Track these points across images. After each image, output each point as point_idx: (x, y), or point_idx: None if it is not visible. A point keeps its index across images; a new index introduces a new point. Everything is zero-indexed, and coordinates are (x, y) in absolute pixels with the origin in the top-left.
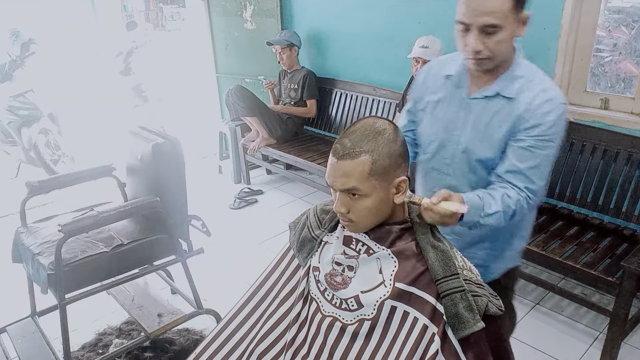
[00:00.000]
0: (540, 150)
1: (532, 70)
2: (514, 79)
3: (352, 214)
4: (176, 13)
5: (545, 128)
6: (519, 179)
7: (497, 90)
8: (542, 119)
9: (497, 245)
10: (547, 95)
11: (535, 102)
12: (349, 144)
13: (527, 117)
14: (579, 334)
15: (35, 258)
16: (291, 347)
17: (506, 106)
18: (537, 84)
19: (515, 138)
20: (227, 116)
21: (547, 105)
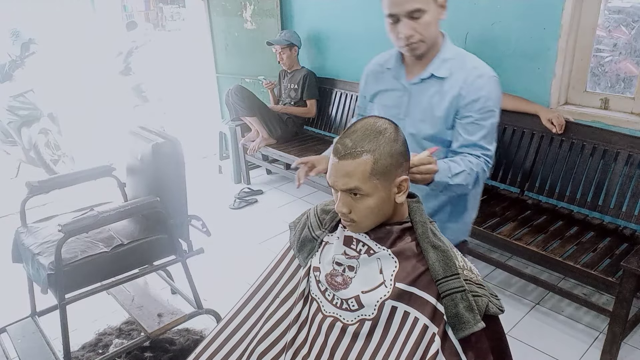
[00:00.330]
0: (484, 121)
1: (461, 53)
2: (444, 61)
3: (354, 214)
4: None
5: (484, 101)
6: (473, 149)
7: (431, 72)
8: (478, 94)
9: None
10: (478, 72)
11: (469, 80)
12: (350, 143)
13: (465, 94)
14: (579, 334)
15: (35, 258)
16: (292, 347)
17: (441, 86)
18: (467, 63)
19: (460, 116)
20: (227, 116)
21: (479, 80)
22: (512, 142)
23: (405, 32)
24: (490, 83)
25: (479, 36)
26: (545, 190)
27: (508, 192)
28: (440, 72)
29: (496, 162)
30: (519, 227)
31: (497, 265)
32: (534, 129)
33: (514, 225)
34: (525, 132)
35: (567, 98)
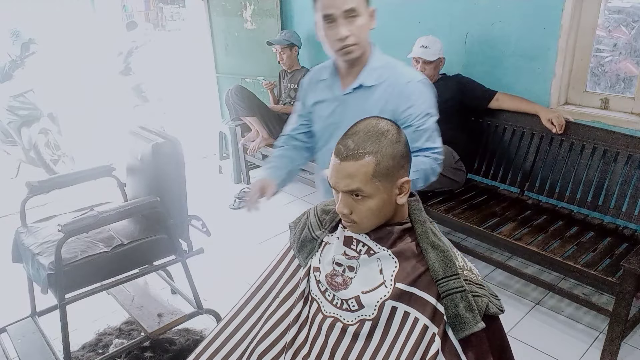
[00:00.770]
0: (425, 124)
1: (390, 61)
2: (373, 70)
3: (355, 215)
4: (176, 13)
5: (418, 105)
6: (420, 152)
7: (361, 82)
8: (410, 100)
9: None
10: (406, 79)
11: (398, 88)
12: (352, 145)
13: (402, 101)
14: (579, 334)
15: (35, 258)
16: (292, 347)
17: (372, 94)
18: (396, 71)
19: (403, 121)
20: (227, 116)
21: (409, 87)
22: (512, 142)
23: (342, 33)
24: (419, 87)
25: (479, 36)
26: (545, 190)
27: (508, 192)
28: (368, 81)
29: (496, 162)
30: (519, 227)
31: (497, 265)
32: (534, 129)
33: (514, 225)
34: (525, 132)
35: (567, 98)
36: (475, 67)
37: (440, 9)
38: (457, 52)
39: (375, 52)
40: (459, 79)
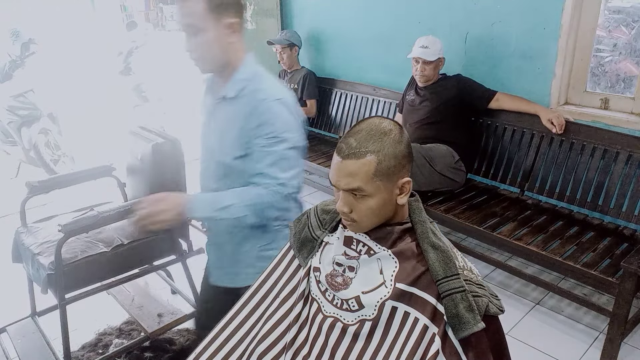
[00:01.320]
0: (271, 147)
1: (258, 74)
2: (237, 82)
3: (355, 213)
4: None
5: (268, 126)
6: (262, 178)
7: (223, 94)
8: (261, 118)
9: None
10: (262, 95)
11: (254, 103)
12: (354, 143)
13: (252, 119)
14: (579, 334)
15: (35, 258)
16: (292, 347)
17: (232, 107)
18: (255, 85)
19: (252, 141)
20: None
21: (263, 104)
22: (512, 142)
23: (184, 47)
24: (275, 106)
25: (479, 36)
26: (545, 190)
27: (508, 192)
28: (229, 93)
29: (496, 162)
30: (519, 227)
31: (497, 265)
32: (534, 129)
33: (514, 225)
34: (525, 132)
35: (567, 98)
36: (475, 67)
37: (440, 9)
38: (457, 52)
39: (247, 62)
40: (459, 79)
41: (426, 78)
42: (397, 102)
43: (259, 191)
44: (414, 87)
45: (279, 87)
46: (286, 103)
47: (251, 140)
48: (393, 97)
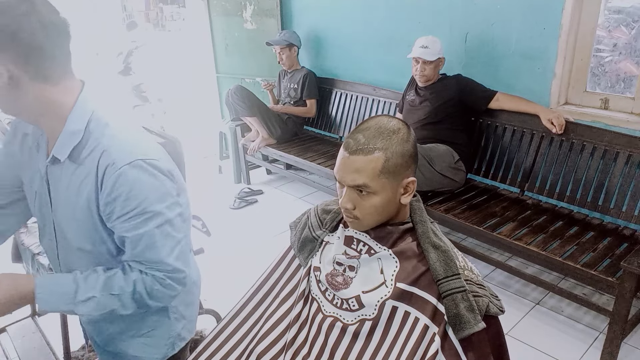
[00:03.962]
0: (140, 229)
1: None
2: (70, 135)
3: (358, 211)
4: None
5: (126, 202)
6: (137, 264)
7: (54, 153)
8: (114, 194)
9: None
10: (105, 160)
11: (99, 173)
12: (362, 139)
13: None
14: (579, 334)
15: (35, 258)
16: (292, 347)
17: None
18: (96, 140)
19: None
20: (227, 116)
21: (111, 174)
22: (512, 142)
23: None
24: (126, 176)
25: (479, 36)
26: (545, 190)
27: (508, 192)
28: (60, 153)
29: (496, 162)
30: (519, 227)
31: (497, 265)
32: (534, 129)
33: (514, 225)
34: (525, 132)
35: (567, 98)
36: (475, 67)
37: (440, 9)
38: (457, 52)
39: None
40: (459, 79)
41: (426, 78)
42: (397, 102)
43: (135, 277)
44: (414, 87)
45: (130, 140)
46: (145, 164)
47: (110, 222)
48: (393, 97)
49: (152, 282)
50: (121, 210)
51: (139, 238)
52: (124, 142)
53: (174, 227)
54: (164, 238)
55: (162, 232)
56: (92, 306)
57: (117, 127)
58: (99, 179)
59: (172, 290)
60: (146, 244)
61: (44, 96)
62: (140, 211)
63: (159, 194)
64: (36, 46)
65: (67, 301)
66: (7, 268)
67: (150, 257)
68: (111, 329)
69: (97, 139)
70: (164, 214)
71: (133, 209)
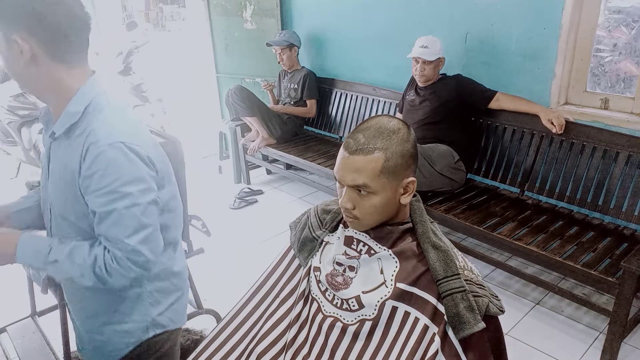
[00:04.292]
0: (110, 205)
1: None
2: (70, 115)
3: (358, 210)
4: (176, 13)
5: (101, 179)
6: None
7: (54, 129)
8: (92, 169)
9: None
10: (92, 137)
11: (84, 148)
12: (362, 139)
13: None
14: (579, 334)
15: None
16: (292, 347)
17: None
18: (88, 122)
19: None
20: (227, 116)
21: (93, 150)
22: (512, 142)
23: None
24: (106, 154)
25: (479, 36)
26: (545, 190)
27: (508, 192)
28: (58, 129)
29: (496, 162)
30: (519, 227)
31: (497, 265)
32: (534, 129)
33: (514, 225)
34: (525, 132)
35: (567, 98)
36: (475, 67)
37: (440, 9)
38: (457, 52)
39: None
40: (459, 79)
41: (426, 78)
42: (397, 102)
43: (98, 252)
44: (414, 87)
45: (118, 125)
46: (125, 147)
47: (86, 196)
48: (393, 97)
49: (111, 259)
50: (96, 185)
51: (107, 215)
52: (111, 125)
53: (144, 213)
54: (130, 219)
55: (129, 213)
56: (55, 269)
57: (111, 114)
58: (82, 154)
59: (128, 271)
60: (112, 222)
61: (57, 76)
62: (112, 189)
63: (132, 177)
64: (60, 32)
65: (39, 259)
66: (7, 268)
67: (113, 235)
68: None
69: (90, 121)
70: (134, 196)
71: (106, 186)
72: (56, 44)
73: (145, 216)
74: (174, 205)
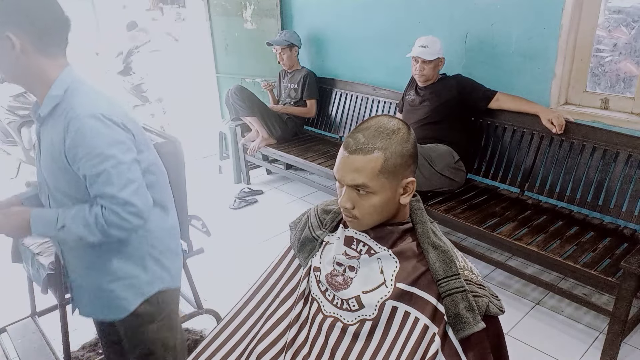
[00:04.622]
0: (98, 167)
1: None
2: (50, 98)
3: (357, 210)
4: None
5: (86, 147)
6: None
7: (39, 112)
8: (76, 140)
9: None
10: (71, 113)
11: (65, 123)
12: (362, 139)
13: (67, 141)
14: (579, 334)
15: (35, 258)
16: (292, 347)
17: (50, 130)
18: (67, 102)
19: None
20: (227, 116)
21: (74, 123)
22: (512, 142)
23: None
24: (86, 124)
25: (479, 36)
26: (545, 190)
27: (508, 192)
28: (43, 110)
29: (496, 162)
30: (519, 227)
31: (497, 265)
32: (534, 129)
33: (514, 225)
34: (525, 132)
35: (567, 98)
36: (475, 67)
37: (440, 9)
38: (457, 52)
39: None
40: (459, 79)
41: (425, 77)
42: (397, 102)
43: (96, 211)
44: (414, 87)
45: (94, 100)
46: (102, 118)
47: (74, 164)
48: (393, 97)
49: (109, 213)
50: (83, 152)
51: (98, 176)
52: (87, 102)
53: (129, 169)
54: (118, 176)
55: (116, 171)
56: (65, 233)
57: (86, 93)
58: (65, 128)
59: (125, 221)
60: (103, 181)
61: (42, 67)
62: (98, 153)
63: (113, 140)
64: (45, 29)
65: (50, 228)
66: (7, 268)
67: (107, 192)
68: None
69: (69, 101)
70: (117, 156)
71: (91, 151)
72: (42, 39)
73: (131, 172)
74: (154, 169)
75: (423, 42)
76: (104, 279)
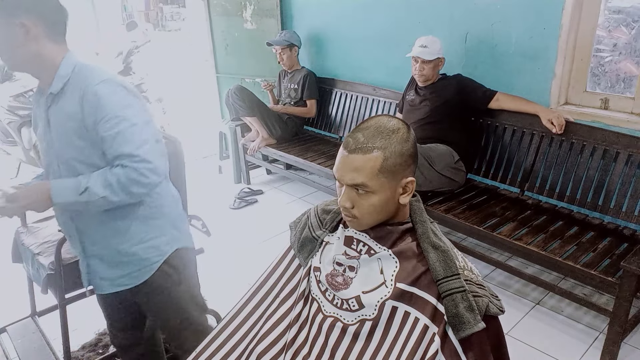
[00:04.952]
0: (115, 128)
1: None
2: (59, 77)
3: (357, 209)
4: (176, 13)
5: (102, 109)
6: (120, 160)
7: (50, 90)
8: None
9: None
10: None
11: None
12: (362, 138)
13: (84, 108)
14: (579, 334)
15: (35, 258)
16: (292, 347)
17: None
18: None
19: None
20: (227, 116)
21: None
22: (512, 142)
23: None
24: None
25: (479, 36)
26: (545, 190)
27: (508, 192)
28: (54, 88)
29: (496, 162)
30: (519, 227)
31: (497, 265)
32: (534, 129)
33: (514, 225)
34: (525, 132)
35: (567, 98)
36: (475, 67)
37: (440, 9)
38: (457, 52)
39: (67, 58)
40: (459, 79)
41: (425, 77)
42: (397, 102)
43: (117, 171)
44: (414, 86)
45: (102, 70)
46: (113, 82)
47: (93, 130)
48: (393, 97)
49: (129, 171)
50: (100, 115)
51: (115, 136)
52: (97, 72)
53: (142, 130)
54: (132, 136)
55: (130, 131)
56: (89, 195)
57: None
58: (81, 98)
59: (144, 177)
60: (120, 141)
61: (49, 52)
62: (114, 115)
63: (126, 102)
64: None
65: (73, 193)
66: (7, 268)
67: (124, 151)
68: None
69: (78, 77)
70: (131, 119)
71: (108, 113)
72: (49, 26)
73: (144, 133)
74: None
75: (423, 42)
76: (127, 243)
